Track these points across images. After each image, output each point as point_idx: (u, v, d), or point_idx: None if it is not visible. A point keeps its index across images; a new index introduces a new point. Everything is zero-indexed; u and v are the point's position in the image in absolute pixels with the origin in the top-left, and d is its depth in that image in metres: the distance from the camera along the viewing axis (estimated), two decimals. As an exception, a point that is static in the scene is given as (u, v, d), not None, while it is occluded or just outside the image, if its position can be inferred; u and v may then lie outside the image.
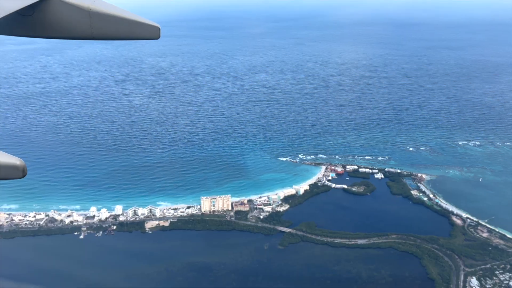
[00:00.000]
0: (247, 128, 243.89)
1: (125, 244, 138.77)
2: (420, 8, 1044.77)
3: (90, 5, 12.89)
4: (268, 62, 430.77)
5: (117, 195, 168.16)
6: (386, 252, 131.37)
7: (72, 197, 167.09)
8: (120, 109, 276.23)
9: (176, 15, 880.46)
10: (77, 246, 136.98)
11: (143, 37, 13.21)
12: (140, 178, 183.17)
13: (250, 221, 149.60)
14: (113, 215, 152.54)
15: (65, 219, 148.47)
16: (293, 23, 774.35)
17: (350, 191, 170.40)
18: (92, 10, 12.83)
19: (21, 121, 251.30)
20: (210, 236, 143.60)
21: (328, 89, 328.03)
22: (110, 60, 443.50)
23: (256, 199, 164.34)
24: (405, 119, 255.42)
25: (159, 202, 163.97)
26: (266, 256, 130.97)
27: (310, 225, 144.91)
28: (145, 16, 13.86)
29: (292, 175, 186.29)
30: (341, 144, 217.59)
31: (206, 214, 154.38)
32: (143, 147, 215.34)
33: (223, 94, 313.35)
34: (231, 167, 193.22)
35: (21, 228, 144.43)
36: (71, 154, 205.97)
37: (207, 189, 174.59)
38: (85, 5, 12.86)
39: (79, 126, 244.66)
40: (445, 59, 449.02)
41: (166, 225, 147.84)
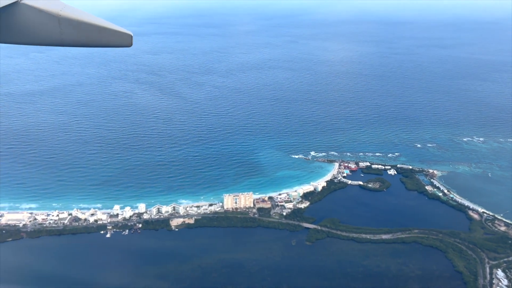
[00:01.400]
0: (255, 126, 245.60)
1: (154, 242, 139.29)
2: (406, 7, 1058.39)
3: (60, 10, 12.71)
4: (264, 60, 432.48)
5: (136, 194, 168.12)
6: (411, 247, 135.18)
7: (91, 196, 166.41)
8: (124, 107, 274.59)
9: (165, 12, 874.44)
10: (106, 245, 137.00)
11: (115, 45, 13.18)
12: (157, 176, 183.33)
13: (274, 218, 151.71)
14: (137, 213, 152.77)
15: (89, 218, 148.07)
16: (282, 21, 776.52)
17: (366, 187, 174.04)
18: (62, 16, 12.63)
19: (24, 120, 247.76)
20: (236, 233, 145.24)
21: (329, 87, 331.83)
22: (104, 57, 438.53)
23: (276, 196, 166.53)
24: (409, 116, 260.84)
25: (180, 200, 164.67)
26: (296, 252, 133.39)
27: (334, 221, 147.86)
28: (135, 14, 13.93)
29: (307, 172, 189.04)
30: (350, 141, 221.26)
31: (229, 211, 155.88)
32: (154, 145, 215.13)
33: (225, 92, 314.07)
34: (245, 165, 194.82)
35: (46, 227, 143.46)
36: (82, 153, 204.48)
37: (225, 186, 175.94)
38: (54, 10, 12.66)
39: (85, 124, 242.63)
40: (437, 57, 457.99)
41: (191, 222, 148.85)
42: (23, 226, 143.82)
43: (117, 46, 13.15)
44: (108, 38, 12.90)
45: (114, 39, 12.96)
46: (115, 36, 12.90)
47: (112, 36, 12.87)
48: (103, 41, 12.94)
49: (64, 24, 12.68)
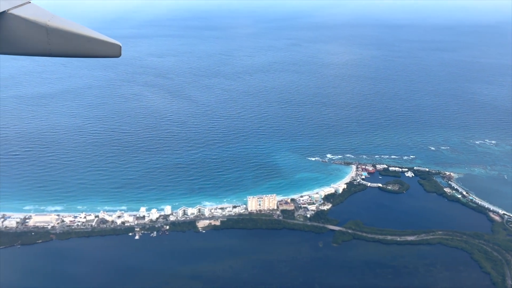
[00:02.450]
0: (268, 128, 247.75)
1: (183, 243, 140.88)
2: (403, 10, 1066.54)
3: (48, 21, 12.66)
4: (269, 63, 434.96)
5: (160, 197, 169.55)
6: (436, 248, 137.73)
7: (114, 199, 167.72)
8: (136, 110, 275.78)
9: (165, 15, 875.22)
10: (136, 247, 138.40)
11: (103, 55, 13.13)
12: (178, 178, 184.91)
13: (298, 220, 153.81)
14: (163, 215, 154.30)
15: (116, 220, 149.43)
16: (283, 24, 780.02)
17: (386, 189, 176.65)
18: (50, 27, 12.60)
19: (38, 123, 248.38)
20: (262, 234, 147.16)
21: (337, 90, 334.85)
22: (110, 60, 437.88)
23: (297, 198, 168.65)
24: (419, 119, 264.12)
25: (203, 202, 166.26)
26: (323, 253, 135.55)
27: (358, 223, 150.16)
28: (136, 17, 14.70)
29: (326, 175, 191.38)
30: (365, 144, 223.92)
31: (253, 213, 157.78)
32: (171, 148, 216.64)
33: (235, 95, 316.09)
34: (264, 167, 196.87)
35: (74, 229, 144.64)
36: (101, 155, 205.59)
37: (246, 189, 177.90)
38: (42, 21, 12.62)
39: (100, 127, 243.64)
40: (440, 60, 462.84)
41: (217, 224, 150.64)
42: (51, 228, 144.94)
43: (106, 56, 13.19)
44: (97, 49, 12.90)
45: (103, 49, 12.98)
46: (103, 47, 12.96)
47: (100, 46, 12.91)
48: (91, 51, 12.94)
49: (52, 34, 12.63)
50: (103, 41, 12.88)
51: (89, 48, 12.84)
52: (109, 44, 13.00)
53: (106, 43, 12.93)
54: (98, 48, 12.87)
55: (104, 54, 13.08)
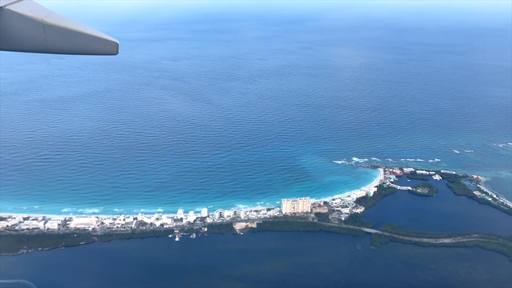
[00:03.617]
0: (290, 132, 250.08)
1: (223, 245, 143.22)
2: (407, 12, 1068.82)
3: (45, 17, 12.60)
4: (283, 66, 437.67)
5: (194, 200, 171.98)
6: (473, 251, 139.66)
7: (149, 201, 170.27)
8: (158, 113, 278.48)
9: (172, 18, 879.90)
10: (178, 248, 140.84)
11: (101, 53, 13.07)
12: (208, 181, 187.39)
13: (333, 223, 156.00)
14: (200, 217, 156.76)
15: (155, 222, 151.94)
16: (291, 27, 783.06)
17: (416, 192, 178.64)
18: (47, 23, 12.53)
19: (63, 126, 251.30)
20: (299, 237, 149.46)
21: (354, 93, 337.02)
22: (125, 63, 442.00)
23: (330, 201, 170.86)
24: (440, 123, 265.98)
25: (237, 205, 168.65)
26: (363, 256, 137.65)
27: (393, 226, 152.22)
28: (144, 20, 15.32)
29: (354, 178, 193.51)
30: (389, 147, 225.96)
31: (288, 216, 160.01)
32: (197, 151, 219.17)
33: (253, 99, 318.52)
34: (292, 170, 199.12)
35: (115, 231, 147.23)
36: (129, 159, 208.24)
37: (277, 192, 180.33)
38: (39, 17, 12.55)
39: (125, 131, 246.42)
40: (452, 63, 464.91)
41: (254, 226, 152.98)
42: (92, 230, 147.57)
43: (103, 54, 13.15)
44: (94, 46, 12.84)
45: (100, 47, 12.88)
46: (101, 44, 12.86)
47: (98, 44, 12.83)
48: (88, 48, 12.87)
49: (49, 30, 12.55)
50: (100, 39, 12.76)
51: (86, 45, 12.75)
52: (106, 41, 12.84)
53: (103, 40, 12.80)
54: (95, 45, 12.78)
55: (101, 52, 12.97)
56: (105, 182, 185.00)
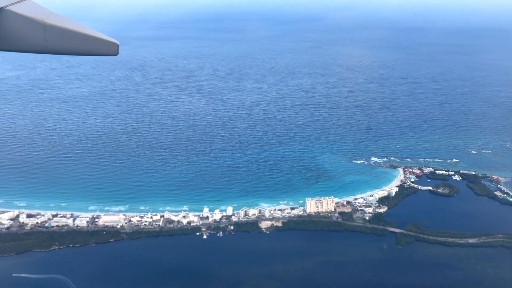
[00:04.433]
0: (306, 131, 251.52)
1: (250, 243, 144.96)
2: (414, 11, 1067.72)
3: (45, 18, 12.63)
4: (293, 66, 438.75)
5: (218, 198, 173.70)
6: (499, 251, 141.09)
7: (174, 199, 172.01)
8: (174, 112, 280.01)
9: (180, 16, 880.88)
10: (206, 246, 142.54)
11: (101, 53, 13.06)
12: (230, 180, 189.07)
13: (358, 222, 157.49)
14: (225, 215, 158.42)
15: (182, 220, 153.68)
16: (298, 26, 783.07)
17: (437, 192, 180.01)
18: (47, 24, 12.56)
19: (81, 124, 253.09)
20: (325, 236, 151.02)
21: (366, 93, 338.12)
22: (136, 61, 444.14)
23: (352, 200, 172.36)
24: (455, 123, 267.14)
25: (260, 203, 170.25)
26: (390, 255, 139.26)
27: (417, 225, 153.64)
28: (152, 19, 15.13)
29: (374, 177, 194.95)
30: (406, 147, 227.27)
31: (312, 215, 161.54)
32: (217, 150, 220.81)
33: (267, 98, 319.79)
34: (312, 170, 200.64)
35: (143, 229, 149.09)
36: (150, 157, 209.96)
37: (298, 191, 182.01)
38: (40, 18, 12.58)
39: (143, 129, 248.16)
40: (462, 64, 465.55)
41: (279, 225, 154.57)
42: (120, 227, 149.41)
43: (103, 54, 13.13)
44: (94, 47, 12.82)
45: (100, 47, 12.87)
46: (101, 45, 12.84)
47: (98, 44, 12.81)
48: (88, 49, 12.86)
49: (49, 31, 12.56)
50: (101, 39, 12.77)
51: (86, 46, 12.75)
52: (106, 42, 12.84)
53: (104, 41, 12.81)
54: (95, 46, 12.79)
55: (102, 52, 13.01)
56: (128, 180, 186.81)
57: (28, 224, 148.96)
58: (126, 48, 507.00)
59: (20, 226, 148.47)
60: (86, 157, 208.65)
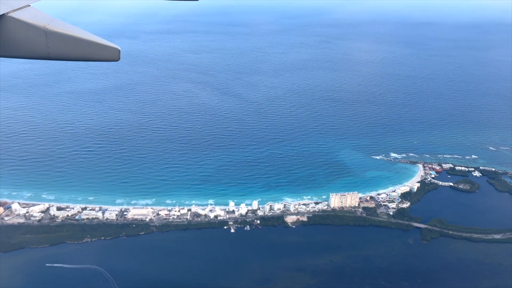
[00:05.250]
0: (324, 127, 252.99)
1: (277, 237, 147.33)
2: (421, 6, 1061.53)
3: (47, 24, 12.67)
4: (305, 60, 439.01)
5: (242, 193, 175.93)
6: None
7: (199, 193, 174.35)
8: (191, 107, 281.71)
9: (187, 10, 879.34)
10: (234, 240, 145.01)
11: (103, 59, 13.05)
12: (252, 175, 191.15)
13: (382, 218, 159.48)
14: (251, 209, 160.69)
15: (209, 214, 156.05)
16: (306, 20, 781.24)
17: (458, 188, 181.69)
18: (49, 30, 12.60)
19: (100, 118, 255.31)
20: (351, 230, 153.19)
21: (380, 88, 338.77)
22: (147, 55, 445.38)
23: (375, 195, 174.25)
24: (471, 119, 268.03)
25: (284, 198, 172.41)
26: (417, 250, 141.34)
27: (441, 221, 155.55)
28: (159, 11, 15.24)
29: (395, 173, 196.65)
30: (424, 143, 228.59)
31: (336, 210, 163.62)
32: (236, 145, 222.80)
33: (281, 93, 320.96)
34: (332, 165, 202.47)
35: (172, 222, 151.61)
36: (171, 152, 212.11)
37: (320, 186, 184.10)
38: (41, 24, 12.62)
39: (162, 124, 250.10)
40: (474, 59, 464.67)
41: (305, 220, 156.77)
42: (149, 220, 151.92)
43: (105, 60, 13.12)
44: (96, 52, 12.84)
45: (102, 53, 12.89)
46: (102, 50, 12.87)
47: (99, 50, 12.84)
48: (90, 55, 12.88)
49: (51, 37, 12.60)
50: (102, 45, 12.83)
51: (88, 52, 12.80)
52: (108, 48, 12.90)
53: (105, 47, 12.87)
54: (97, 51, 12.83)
55: (103, 58, 13.02)
56: (152, 174, 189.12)
57: (59, 217, 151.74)
58: (137, 42, 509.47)
59: (51, 218, 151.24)
60: (108, 151, 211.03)
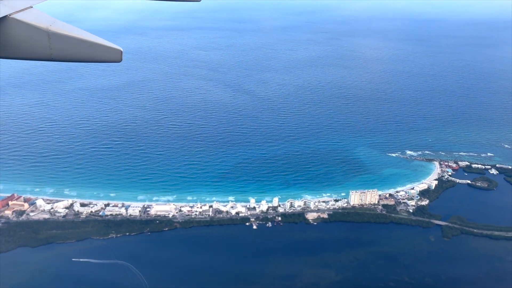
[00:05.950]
0: (338, 124, 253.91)
1: (299, 234, 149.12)
2: (428, 2, 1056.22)
3: (49, 26, 12.69)
4: (314, 57, 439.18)
5: (261, 190, 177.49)
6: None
7: (218, 190, 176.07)
8: (204, 104, 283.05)
9: (194, 6, 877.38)
10: (257, 236, 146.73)
11: (105, 60, 13.07)
12: (270, 172, 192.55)
13: (402, 215, 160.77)
14: (271, 206, 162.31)
15: (231, 210, 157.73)
16: (312, 17, 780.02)
17: (475, 186, 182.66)
18: (51, 31, 12.62)
19: (115, 115, 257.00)
20: (372, 228, 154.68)
21: (391, 86, 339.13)
22: (157, 52, 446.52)
23: (394, 193, 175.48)
24: (485, 117, 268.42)
25: (303, 195, 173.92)
26: (438, 247, 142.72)
27: (461, 218, 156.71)
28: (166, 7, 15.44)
29: (412, 171, 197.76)
30: (439, 141, 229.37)
31: (356, 207, 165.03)
32: (252, 142, 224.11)
33: (292, 90, 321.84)
34: (349, 163, 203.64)
35: (194, 218, 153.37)
36: (188, 149, 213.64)
37: (339, 183, 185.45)
38: (43, 25, 12.63)
39: (176, 121, 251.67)
40: (483, 57, 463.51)
41: (325, 217, 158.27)
42: (172, 217, 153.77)
43: (107, 61, 13.11)
44: (98, 54, 12.90)
45: (104, 54, 12.94)
46: (105, 52, 12.92)
47: (102, 51, 12.89)
48: (93, 56, 12.94)
49: (54, 39, 12.62)
50: (105, 46, 12.90)
51: (90, 53, 12.87)
52: (110, 49, 12.95)
53: (108, 48, 12.93)
54: (99, 53, 12.90)
55: (106, 59, 13.07)
56: (171, 171, 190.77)
57: (83, 213, 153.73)
58: (146, 39, 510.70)
59: (76, 214, 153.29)
60: (126, 147, 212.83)
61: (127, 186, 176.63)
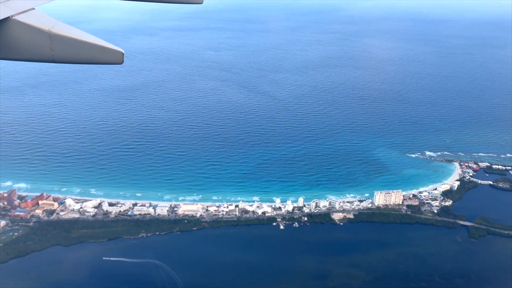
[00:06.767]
0: (355, 125, 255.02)
1: (327, 234, 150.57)
2: (435, 2, 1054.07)
3: (51, 27, 12.73)
4: (325, 58, 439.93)
5: (285, 190, 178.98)
6: None
7: (242, 190, 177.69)
8: (220, 104, 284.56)
9: (201, 6, 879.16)
10: (285, 236, 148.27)
11: (106, 62, 13.13)
12: (292, 173, 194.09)
13: (427, 215, 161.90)
14: (297, 206, 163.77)
15: (257, 210, 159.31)
16: (320, 17, 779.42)
17: (498, 187, 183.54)
18: (53, 33, 12.67)
19: (133, 116, 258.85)
20: (398, 228, 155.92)
21: (405, 87, 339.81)
22: (169, 53, 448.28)
23: (417, 193, 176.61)
24: (501, 118, 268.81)
25: (326, 195, 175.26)
26: (466, 248, 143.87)
27: (486, 219, 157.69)
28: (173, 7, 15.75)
29: (433, 171, 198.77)
30: (457, 142, 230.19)
31: (380, 207, 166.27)
32: (271, 143, 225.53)
33: (307, 91, 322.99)
34: (370, 164, 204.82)
35: (221, 218, 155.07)
36: (209, 149, 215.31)
37: (361, 184, 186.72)
38: (45, 27, 12.67)
39: (195, 121, 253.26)
40: (494, 57, 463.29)
41: (351, 217, 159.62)
42: (200, 216, 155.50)
43: (109, 63, 13.18)
44: (100, 55, 12.94)
45: (106, 56, 12.98)
46: (106, 54, 12.96)
47: (103, 53, 12.93)
48: (94, 58, 12.99)
49: (55, 41, 12.66)
50: (106, 48, 12.93)
51: (92, 55, 12.91)
52: (112, 51, 13.01)
53: (109, 50, 12.97)
54: (101, 54, 12.94)
55: (107, 61, 13.13)
56: (194, 172, 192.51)
57: (112, 212, 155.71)
58: (156, 39, 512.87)
59: (105, 214, 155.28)
60: (148, 148, 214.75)
61: (153, 186, 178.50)
